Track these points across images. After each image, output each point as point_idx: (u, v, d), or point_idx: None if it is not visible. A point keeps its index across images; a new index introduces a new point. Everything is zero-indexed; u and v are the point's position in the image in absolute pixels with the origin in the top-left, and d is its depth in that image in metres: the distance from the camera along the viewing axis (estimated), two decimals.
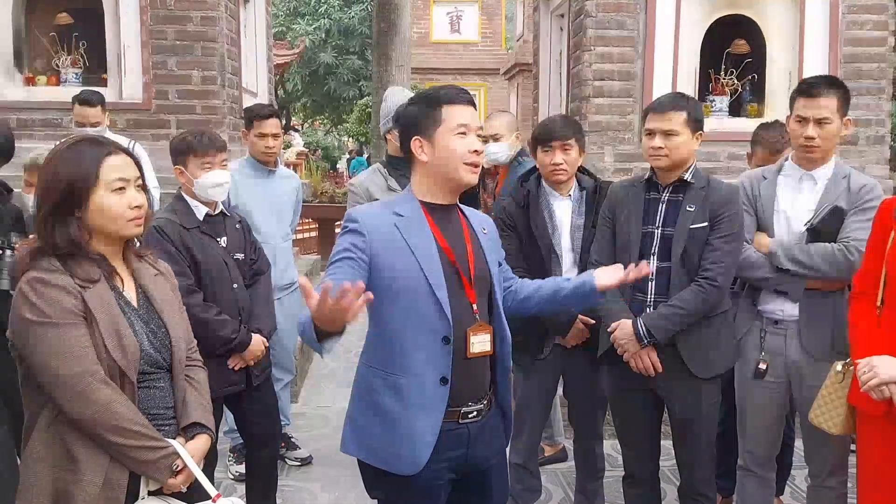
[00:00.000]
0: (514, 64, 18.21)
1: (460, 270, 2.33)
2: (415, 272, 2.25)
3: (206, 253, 3.26)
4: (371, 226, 2.27)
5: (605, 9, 5.28)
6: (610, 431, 4.06)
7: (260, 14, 7.05)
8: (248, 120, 4.36)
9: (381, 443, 2.30)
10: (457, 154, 2.28)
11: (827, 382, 2.82)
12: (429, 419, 2.26)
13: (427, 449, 2.26)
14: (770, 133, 3.81)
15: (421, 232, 2.31)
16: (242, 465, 3.97)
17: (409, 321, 2.26)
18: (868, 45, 5.36)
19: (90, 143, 2.10)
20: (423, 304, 2.26)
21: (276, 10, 20.18)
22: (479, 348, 2.33)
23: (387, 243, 2.26)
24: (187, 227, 3.26)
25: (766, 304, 3.20)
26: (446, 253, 2.31)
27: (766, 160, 3.73)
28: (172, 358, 2.18)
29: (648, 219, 3.06)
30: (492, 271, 2.41)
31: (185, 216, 3.29)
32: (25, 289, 1.97)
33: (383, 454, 2.31)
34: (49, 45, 5.84)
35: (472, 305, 2.33)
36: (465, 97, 2.35)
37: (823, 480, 3.18)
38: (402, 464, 2.27)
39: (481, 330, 2.33)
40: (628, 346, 3.01)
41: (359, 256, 2.22)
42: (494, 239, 2.53)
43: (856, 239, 2.98)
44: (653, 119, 3.02)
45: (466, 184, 2.34)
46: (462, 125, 2.29)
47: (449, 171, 2.31)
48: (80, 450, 1.99)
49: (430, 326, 2.26)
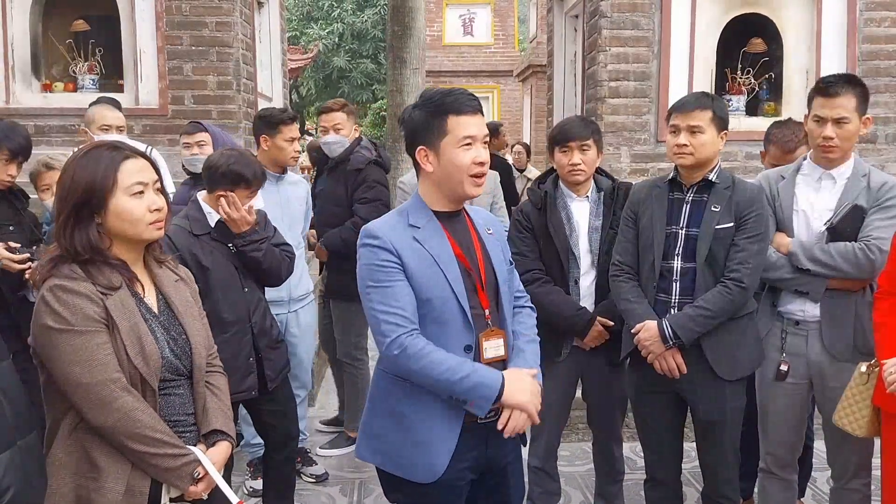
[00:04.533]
0: (527, 65, 18.20)
1: (475, 278, 2.32)
2: (441, 282, 2.26)
3: (214, 259, 3.27)
4: (395, 241, 2.26)
5: (620, 9, 5.26)
6: (628, 434, 4.04)
7: (274, 19, 7.07)
8: (273, 125, 4.23)
9: (398, 450, 2.31)
10: (462, 168, 2.26)
11: (851, 383, 2.79)
12: (449, 427, 2.26)
13: (446, 456, 2.26)
14: (782, 131, 3.78)
15: (439, 242, 2.31)
16: (259, 482, 3.97)
17: (436, 332, 2.26)
18: (886, 43, 5.31)
19: (107, 148, 2.11)
20: (451, 314, 2.26)
21: (289, 14, 20.24)
22: (492, 353, 2.32)
23: (413, 256, 2.26)
24: (197, 234, 3.28)
25: (786, 304, 3.17)
26: (461, 261, 2.31)
27: (779, 159, 3.70)
28: (193, 365, 2.18)
29: (672, 219, 3.04)
30: (498, 274, 2.39)
31: (196, 223, 3.31)
32: (47, 296, 1.97)
33: (400, 461, 2.31)
34: (65, 52, 5.87)
35: (485, 311, 2.33)
36: (472, 105, 2.29)
37: (847, 482, 3.15)
38: (420, 472, 2.27)
39: (494, 335, 2.33)
40: (653, 347, 2.98)
41: (400, 269, 2.24)
42: (501, 238, 2.50)
43: (877, 238, 2.95)
44: (678, 117, 2.99)
45: (470, 197, 2.33)
46: (468, 137, 2.26)
47: (453, 183, 2.29)
48: (101, 457, 1.99)
49: (455, 336, 2.26)
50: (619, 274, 3.14)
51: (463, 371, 2.19)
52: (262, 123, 4.31)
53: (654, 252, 3.02)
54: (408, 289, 2.24)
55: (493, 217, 2.58)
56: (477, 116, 2.29)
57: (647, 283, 3.07)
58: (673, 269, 3.01)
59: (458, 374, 2.19)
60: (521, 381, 2.26)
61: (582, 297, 3.39)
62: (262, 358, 3.37)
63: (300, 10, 22.81)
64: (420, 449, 2.27)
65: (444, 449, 2.26)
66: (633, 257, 3.11)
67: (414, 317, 2.24)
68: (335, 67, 21.76)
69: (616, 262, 3.16)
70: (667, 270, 3.02)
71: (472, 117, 2.28)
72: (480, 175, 2.29)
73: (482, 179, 2.30)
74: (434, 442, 2.26)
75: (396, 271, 2.24)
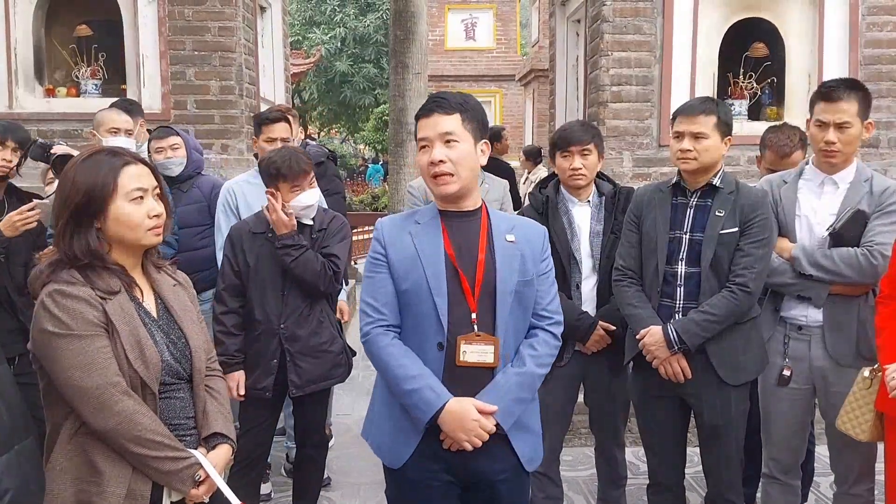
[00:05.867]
0: (529, 70, 18.22)
1: (463, 278, 2.31)
2: (419, 277, 2.30)
3: (260, 258, 3.34)
4: (389, 234, 2.38)
5: (623, 13, 5.27)
6: (631, 438, 4.03)
7: (277, 24, 7.08)
8: (257, 125, 4.22)
9: (384, 432, 2.41)
10: (423, 169, 2.36)
11: (854, 388, 2.79)
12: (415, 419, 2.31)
13: (407, 447, 2.33)
14: (778, 136, 3.77)
15: (431, 239, 2.34)
16: (269, 485, 4.18)
17: (412, 325, 2.33)
18: (888, 47, 5.32)
19: (107, 154, 2.11)
20: (424, 309, 2.30)
21: (291, 19, 20.27)
22: (474, 358, 2.29)
23: (399, 251, 2.34)
24: (255, 232, 3.38)
25: (789, 309, 3.16)
26: (451, 258, 2.32)
27: (775, 163, 3.70)
28: (193, 368, 2.18)
29: (676, 224, 3.03)
30: (499, 281, 2.32)
31: (259, 221, 3.42)
32: (47, 301, 1.97)
33: (381, 443, 2.42)
34: (69, 57, 5.89)
35: (472, 314, 2.31)
36: (428, 107, 2.33)
37: (850, 488, 3.14)
38: (389, 455, 2.38)
39: (479, 340, 2.30)
40: (658, 352, 2.98)
41: (384, 262, 2.35)
42: (525, 247, 2.39)
43: (879, 243, 2.95)
44: (682, 121, 2.98)
45: (439, 197, 2.36)
46: (422, 139, 2.34)
47: (427, 183, 2.39)
48: (102, 461, 1.99)
49: (429, 331, 2.30)
50: (622, 279, 3.13)
51: (411, 383, 2.26)
52: (253, 124, 4.44)
53: (658, 257, 3.01)
54: (388, 281, 2.34)
55: (535, 227, 2.48)
56: (432, 117, 2.30)
57: (650, 288, 3.06)
58: (677, 274, 3.00)
59: (406, 383, 2.27)
60: (462, 420, 2.24)
61: (583, 301, 3.38)
62: (293, 363, 3.37)
63: (302, 14, 22.83)
64: (394, 434, 2.37)
65: (410, 439, 2.33)
66: (636, 262, 3.10)
67: (387, 308, 2.33)
68: (337, 72, 21.77)
69: (619, 267, 3.15)
70: (671, 275, 3.01)
71: (426, 119, 2.32)
72: (437, 174, 2.29)
73: (443, 178, 2.30)
74: (403, 430, 2.34)
75: (380, 264, 2.36)
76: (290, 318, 3.36)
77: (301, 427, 3.61)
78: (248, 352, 3.40)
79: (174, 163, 4.21)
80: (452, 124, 2.29)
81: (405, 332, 2.34)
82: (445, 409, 2.24)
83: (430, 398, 2.25)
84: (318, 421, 3.61)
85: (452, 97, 2.34)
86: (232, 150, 5.70)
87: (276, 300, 3.35)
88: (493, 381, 2.31)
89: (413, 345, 2.32)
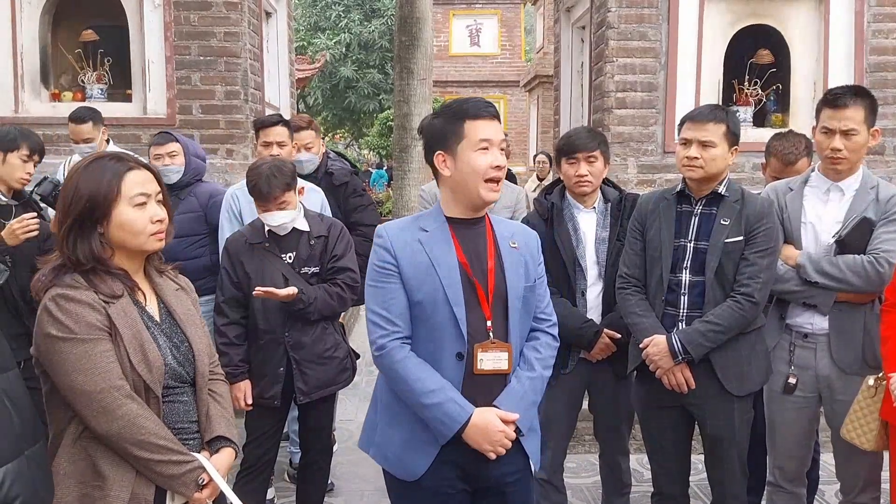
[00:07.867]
0: (533, 76, 18.23)
1: (478, 286, 2.31)
2: (436, 287, 2.27)
3: (260, 268, 3.33)
4: (397, 243, 2.32)
5: (628, 20, 5.27)
6: (635, 446, 4.02)
7: (282, 29, 7.09)
8: (256, 130, 4.27)
9: (388, 444, 2.37)
10: (478, 171, 2.28)
11: (859, 397, 2.78)
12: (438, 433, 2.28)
13: (428, 458, 2.29)
14: (783, 143, 3.76)
15: (443, 247, 2.32)
16: (272, 489, 4.10)
17: (426, 335, 2.30)
18: (894, 54, 5.31)
19: (111, 159, 2.12)
20: (443, 320, 2.27)
21: (297, 25, 20.32)
22: (490, 366, 2.31)
23: (411, 261, 2.30)
24: (252, 242, 3.38)
25: (794, 317, 3.15)
26: (465, 268, 2.31)
27: (780, 171, 3.68)
28: (196, 372, 2.18)
29: (680, 232, 3.01)
30: (510, 288, 2.35)
31: (255, 232, 3.43)
32: (49, 305, 1.97)
33: (389, 455, 2.38)
34: (74, 62, 5.90)
35: (487, 322, 2.32)
36: (489, 111, 2.33)
37: (856, 496, 3.13)
38: (403, 469, 2.34)
39: (494, 347, 2.31)
40: (662, 362, 2.96)
41: (395, 272, 2.30)
42: (527, 254, 2.43)
43: (885, 250, 2.94)
44: (690, 128, 2.96)
45: (487, 202, 2.34)
46: (484, 140, 2.29)
47: (469, 187, 2.31)
48: (106, 465, 1.99)
49: (447, 342, 2.28)
50: (627, 287, 3.12)
51: (432, 397, 2.24)
52: (254, 129, 4.43)
53: (663, 265, 3.00)
54: (400, 292, 2.30)
55: (529, 232, 2.53)
56: (494, 121, 2.33)
57: (654, 297, 3.04)
58: (681, 283, 2.99)
59: (426, 398, 2.24)
60: (487, 431, 2.25)
61: (589, 308, 3.37)
62: (299, 371, 3.38)
63: (308, 20, 22.87)
64: (406, 446, 2.33)
65: (427, 450, 2.29)
66: (640, 270, 3.09)
67: (401, 320, 2.30)
68: (342, 77, 21.79)
69: (623, 275, 3.14)
70: (675, 284, 3.00)
71: (489, 122, 2.31)
72: (496, 180, 2.30)
73: (498, 185, 2.32)
74: (418, 442, 2.30)
75: (391, 274, 2.30)
76: (293, 326, 3.37)
77: (306, 433, 3.60)
78: (252, 361, 3.40)
79: (171, 170, 4.22)
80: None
81: (417, 343, 2.32)
82: (471, 422, 2.24)
83: (453, 412, 2.24)
84: (324, 427, 3.61)
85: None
86: (237, 155, 5.70)
87: (279, 309, 3.35)
88: (510, 388, 2.34)
89: (426, 355, 2.29)
